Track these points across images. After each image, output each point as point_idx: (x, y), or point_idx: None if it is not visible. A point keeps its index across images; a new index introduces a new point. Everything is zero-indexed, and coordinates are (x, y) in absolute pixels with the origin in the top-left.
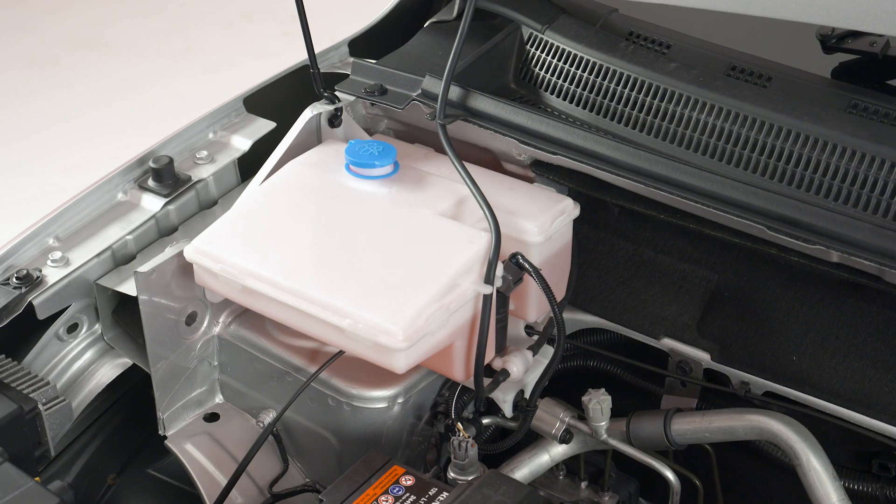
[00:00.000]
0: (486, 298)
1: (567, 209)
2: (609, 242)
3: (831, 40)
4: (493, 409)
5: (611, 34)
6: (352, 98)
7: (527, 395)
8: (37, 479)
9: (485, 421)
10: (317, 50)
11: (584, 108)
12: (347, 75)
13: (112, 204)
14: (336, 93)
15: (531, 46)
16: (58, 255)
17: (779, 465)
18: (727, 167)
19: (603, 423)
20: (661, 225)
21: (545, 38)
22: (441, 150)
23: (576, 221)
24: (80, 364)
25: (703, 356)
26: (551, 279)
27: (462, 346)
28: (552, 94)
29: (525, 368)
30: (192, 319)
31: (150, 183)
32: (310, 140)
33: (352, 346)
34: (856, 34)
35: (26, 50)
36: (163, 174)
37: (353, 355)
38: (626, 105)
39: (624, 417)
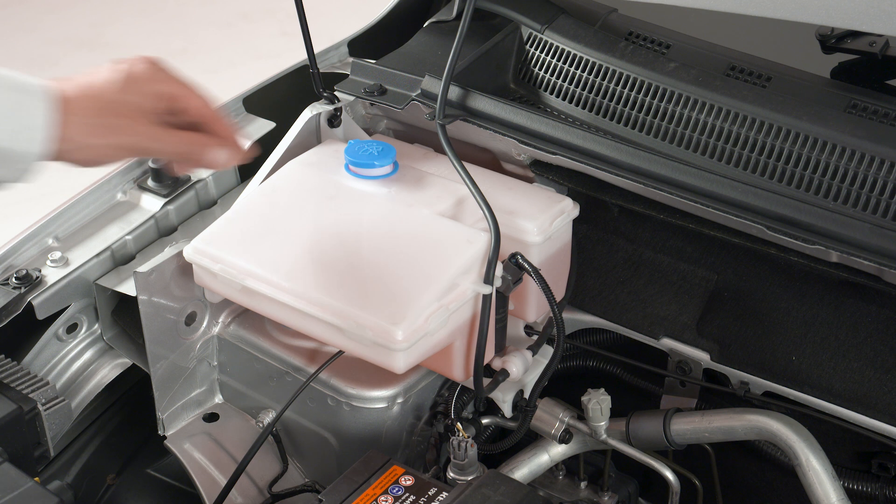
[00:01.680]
0: (486, 298)
1: (566, 209)
2: (608, 242)
3: (830, 40)
4: (492, 408)
5: (610, 34)
6: (351, 98)
7: (526, 395)
8: (36, 479)
9: (484, 421)
10: (316, 50)
11: (584, 108)
12: (347, 75)
13: (111, 204)
14: (335, 93)
15: (530, 46)
16: (57, 255)
17: (778, 465)
18: (727, 167)
19: (602, 423)
20: (661, 225)
21: (544, 38)
22: (440, 150)
23: (575, 221)
24: (79, 364)
25: (702, 356)
26: (551, 279)
27: (461, 345)
28: (552, 94)
29: (524, 368)
30: (191, 319)
31: (150, 183)
32: (309, 140)
33: (351, 346)
34: (855, 34)
35: (26, 50)
36: (162, 174)
37: (352, 355)
38: (625, 105)
39: (623, 417)
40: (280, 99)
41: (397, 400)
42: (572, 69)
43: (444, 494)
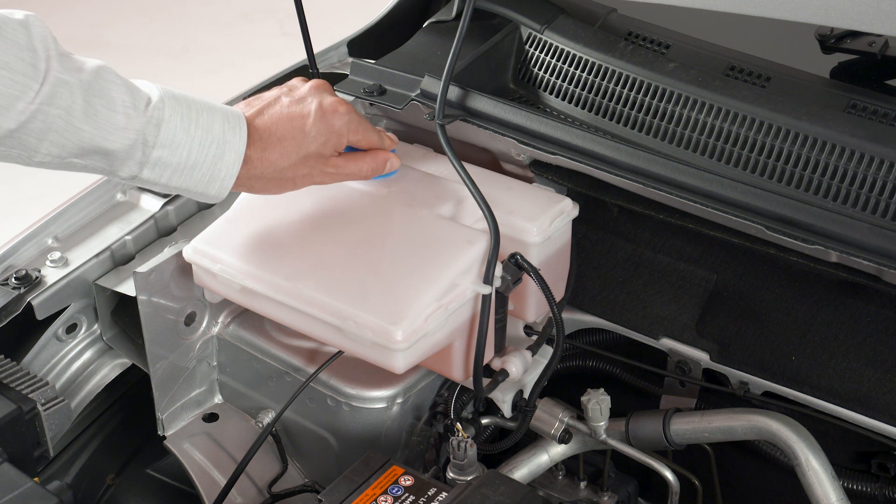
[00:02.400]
0: (486, 298)
1: (566, 209)
2: (608, 242)
3: (830, 40)
4: (492, 409)
5: (609, 34)
6: (351, 98)
7: (526, 395)
8: (36, 479)
9: (484, 421)
10: (316, 50)
11: (583, 108)
12: (346, 75)
13: (111, 204)
14: (335, 93)
15: (530, 46)
16: (57, 255)
17: (778, 465)
18: (726, 167)
19: (602, 423)
20: (660, 225)
21: (544, 38)
22: (440, 150)
23: (575, 221)
24: (79, 364)
25: (702, 356)
26: (550, 279)
27: (461, 346)
28: (551, 94)
29: (524, 368)
30: (191, 319)
31: None
32: None
33: (350, 346)
34: (854, 34)
35: None
36: None
37: (352, 355)
38: (624, 105)
39: (623, 417)
40: None
41: (397, 400)
42: (572, 69)
43: (444, 494)
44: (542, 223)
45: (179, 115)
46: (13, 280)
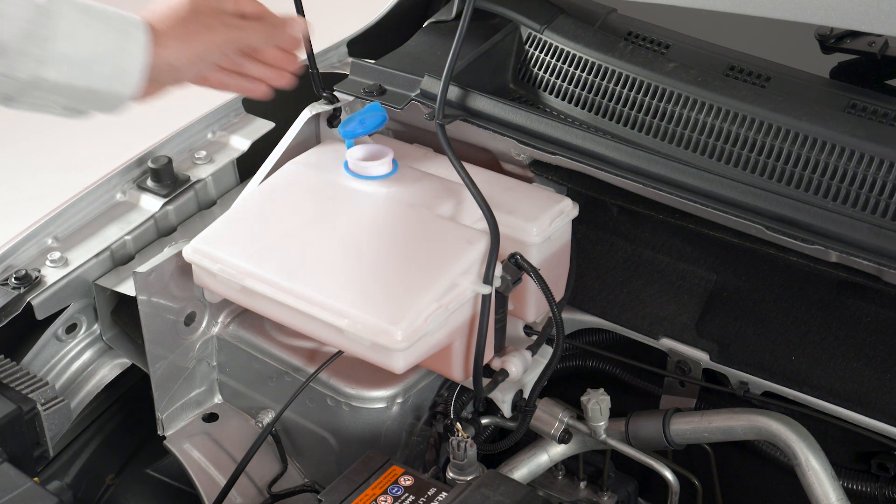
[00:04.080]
0: (485, 298)
1: (566, 209)
2: (608, 242)
3: (830, 40)
4: (491, 408)
5: (609, 34)
6: (350, 98)
7: (525, 395)
8: (35, 479)
9: (484, 421)
10: (316, 50)
11: (583, 108)
12: (346, 75)
13: (111, 204)
14: (335, 93)
15: (530, 46)
16: (56, 255)
17: (778, 465)
18: (726, 167)
19: (602, 423)
20: (660, 225)
21: (544, 38)
22: (440, 150)
23: (574, 221)
24: (78, 364)
25: (701, 356)
26: (550, 279)
27: (461, 346)
28: (551, 94)
29: (524, 368)
30: (190, 319)
31: (149, 183)
32: (308, 140)
33: (350, 346)
34: (854, 34)
35: None
36: (161, 174)
37: (351, 355)
38: (624, 105)
39: (623, 417)
40: (279, 99)
41: (397, 400)
42: (572, 69)
43: (444, 494)
44: (541, 223)
45: (73, 6)
46: (13, 280)
